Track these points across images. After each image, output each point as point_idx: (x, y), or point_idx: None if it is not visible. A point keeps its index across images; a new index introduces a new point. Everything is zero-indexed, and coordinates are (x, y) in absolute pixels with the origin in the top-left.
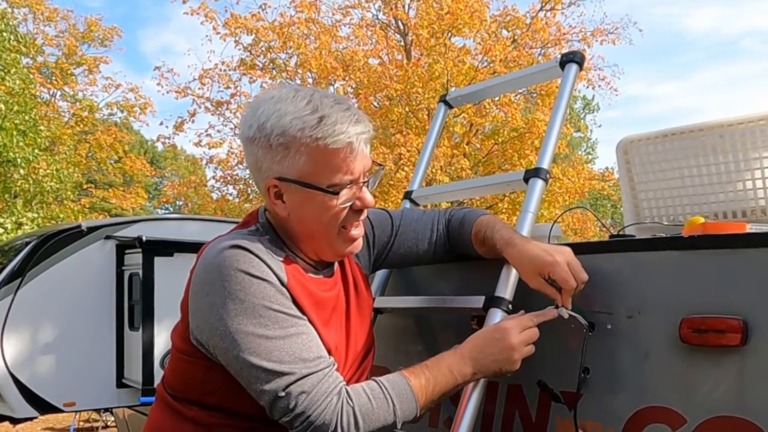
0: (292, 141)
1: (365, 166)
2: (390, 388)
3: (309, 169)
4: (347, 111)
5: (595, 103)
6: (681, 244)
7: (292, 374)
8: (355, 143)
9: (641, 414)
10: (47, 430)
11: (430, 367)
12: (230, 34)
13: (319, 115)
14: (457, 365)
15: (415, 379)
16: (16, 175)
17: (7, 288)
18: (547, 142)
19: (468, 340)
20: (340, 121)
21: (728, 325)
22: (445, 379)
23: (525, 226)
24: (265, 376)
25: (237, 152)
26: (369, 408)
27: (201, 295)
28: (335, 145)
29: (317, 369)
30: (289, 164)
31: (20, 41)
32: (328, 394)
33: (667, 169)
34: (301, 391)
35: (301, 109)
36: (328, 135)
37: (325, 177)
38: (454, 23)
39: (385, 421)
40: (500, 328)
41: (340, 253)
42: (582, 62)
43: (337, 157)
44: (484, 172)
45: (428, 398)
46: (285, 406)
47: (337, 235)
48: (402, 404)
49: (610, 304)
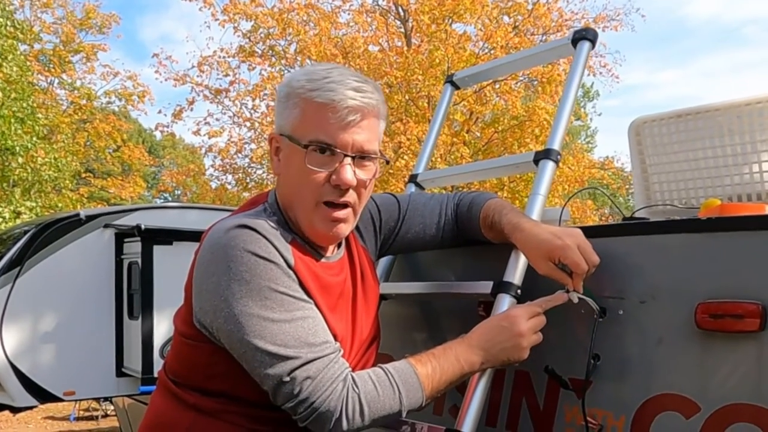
0: (291, 92)
1: (355, 141)
2: (396, 375)
3: (298, 123)
4: (352, 77)
5: (595, 90)
6: (699, 226)
7: (297, 358)
8: (340, 104)
9: (653, 402)
10: (47, 419)
11: (437, 356)
12: (229, 21)
13: (326, 75)
14: (464, 354)
15: (422, 367)
16: (14, 164)
17: (5, 277)
18: (558, 123)
19: (475, 328)
20: (337, 81)
21: (746, 310)
22: (452, 368)
23: (535, 208)
24: (269, 360)
25: (236, 141)
26: (375, 395)
27: (206, 276)
28: (320, 99)
29: (323, 354)
30: (286, 116)
31: (17, 27)
32: (334, 380)
33: (681, 150)
34: (306, 377)
35: (318, 70)
36: (318, 88)
37: (308, 133)
38: (455, 9)
39: (390, 409)
40: (508, 315)
41: (319, 232)
42: (595, 39)
43: (322, 114)
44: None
45: (434, 387)
46: (289, 392)
47: (315, 209)
48: (408, 392)
49: (622, 289)
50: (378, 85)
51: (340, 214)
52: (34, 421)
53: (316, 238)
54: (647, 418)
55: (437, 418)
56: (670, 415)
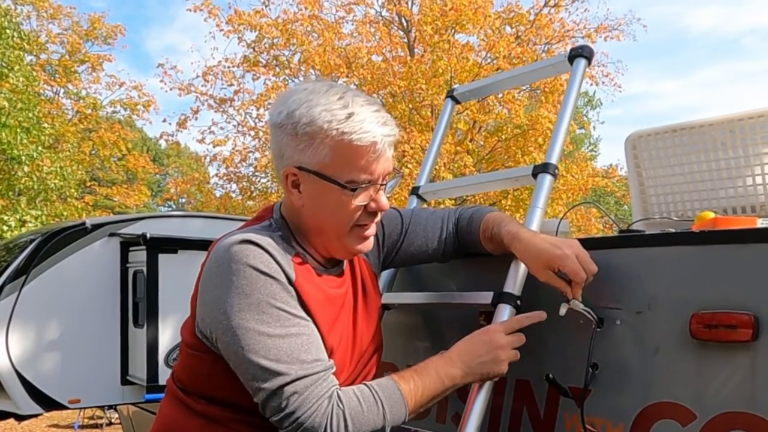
0: (318, 132)
1: (386, 168)
2: (380, 391)
3: (330, 162)
4: (376, 112)
5: (597, 99)
6: (692, 239)
7: (287, 374)
8: (379, 144)
9: (650, 410)
10: (52, 427)
11: (419, 371)
12: (233, 31)
13: (349, 111)
14: (444, 368)
15: (405, 383)
16: (20, 173)
17: (11, 285)
18: (556, 137)
19: (456, 344)
20: (368, 120)
21: (739, 321)
22: (433, 383)
23: (534, 221)
24: (261, 374)
25: (240, 150)
26: (359, 410)
27: (209, 288)
28: (359, 143)
29: (313, 372)
30: (311, 154)
31: (24, 38)
32: (320, 397)
33: (676, 164)
34: (294, 392)
35: (333, 102)
36: (354, 131)
37: (345, 172)
38: (458, 19)
39: (374, 424)
40: (488, 330)
41: (350, 250)
42: (591, 56)
43: (359, 154)
44: (487, 169)
45: (417, 401)
46: (276, 405)
47: (349, 233)
48: (392, 407)
49: (620, 299)
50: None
51: (371, 231)
52: (38, 428)
53: (345, 256)
54: (645, 425)
55: (440, 426)
56: (668, 423)
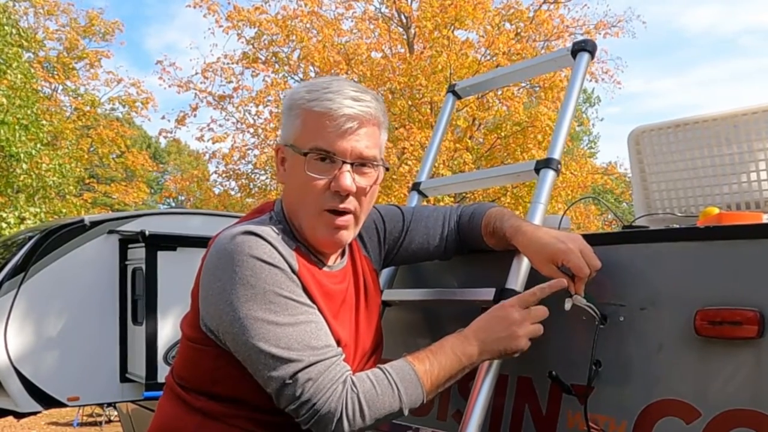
0: (293, 104)
1: (353, 148)
2: (394, 374)
3: (300, 132)
4: (350, 87)
5: (596, 96)
6: (697, 234)
7: (299, 361)
8: (337, 111)
9: (654, 407)
10: (51, 424)
11: (434, 351)
12: (233, 27)
13: (324, 86)
14: (460, 347)
15: (420, 363)
16: (18, 170)
17: (10, 283)
18: (558, 132)
19: (472, 322)
20: (334, 91)
21: (744, 317)
22: (449, 362)
23: (536, 217)
24: (272, 363)
25: (239, 147)
26: (373, 394)
27: (212, 281)
28: (318, 108)
29: (325, 357)
30: (288, 127)
31: (22, 36)
32: (334, 382)
33: (680, 159)
34: (308, 378)
35: (317, 83)
36: (316, 98)
37: (309, 141)
38: (458, 15)
39: (390, 407)
40: (501, 305)
41: (322, 239)
42: (594, 51)
43: (321, 123)
44: (486, 167)
45: (434, 383)
46: (291, 394)
47: (318, 216)
48: (407, 389)
49: (623, 296)
50: (379, 96)
51: (342, 221)
52: (37, 426)
53: (319, 245)
54: (648, 423)
55: (441, 423)
56: (671, 421)
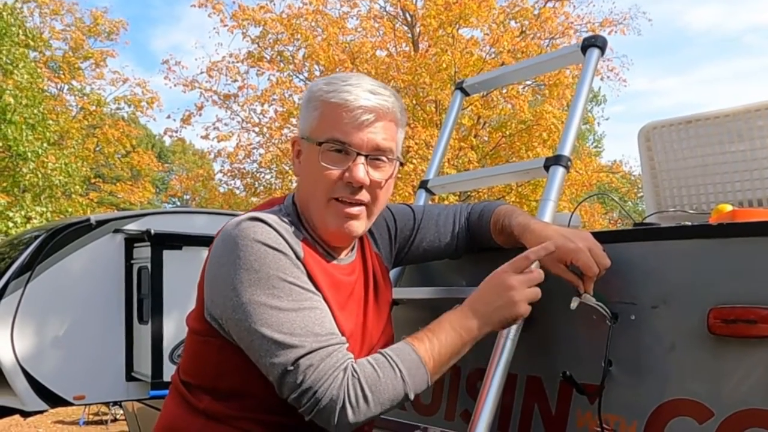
0: (312, 96)
1: (370, 140)
2: (395, 356)
3: (316, 124)
4: (369, 82)
5: (602, 95)
6: (710, 232)
7: (301, 347)
8: (353, 103)
9: (666, 407)
10: (57, 423)
11: (434, 330)
12: (238, 26)
13: (343, 79)
14: (458, 321)
15: (419, 343)
16: (25, 170)
17: (16, 282)
18: (568, 129)
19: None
20: (352, 84)
21: (759, 315)
22: (449, 338)
23: (546, 214)
24: (274, 349)
25: (245, 146)
26: (375, 378)
27: (217, 266)
28: (335, 99)
29: (327, 344)
30: (306, 119)
31: (28, 36)
32: (336, 368)
33: (691, 156)
34: (309, 365)
35: (336, 77)
36: (334, 90)
37: (325, 132)
38: (462, 13)
39: (394, 390)
40: (495, 274)
41: (331, 229)
42: (604, 46)
43: (335, 113)
44: (491, 165)
45: (437, 361)
46: (293, 381)
47: (327, 205)
48: (410, 371)
49: (634, 294)
50: (397, 94)
51: (353, 210)
52: (44, 425)
53: (329, 237)
54: (660, 422)
55: (449, 423)
56: (684, 420)
